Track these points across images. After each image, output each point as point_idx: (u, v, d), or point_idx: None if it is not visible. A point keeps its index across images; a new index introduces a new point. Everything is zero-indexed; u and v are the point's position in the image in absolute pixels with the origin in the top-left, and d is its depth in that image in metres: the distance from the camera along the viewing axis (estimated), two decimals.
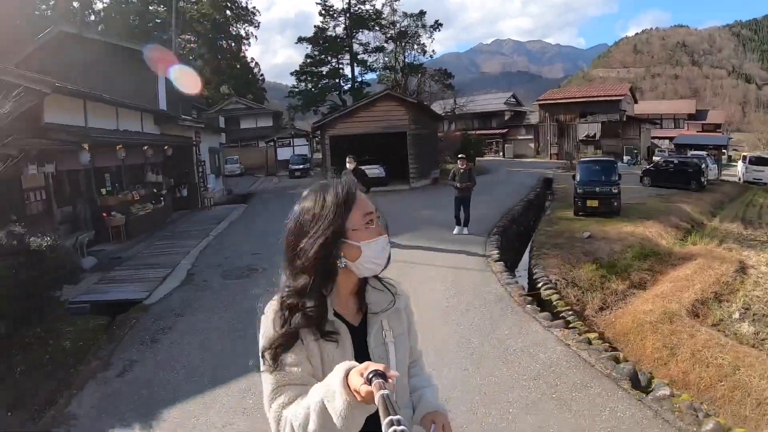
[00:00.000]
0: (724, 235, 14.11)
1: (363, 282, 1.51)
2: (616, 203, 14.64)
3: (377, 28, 46.92)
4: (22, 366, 5.41)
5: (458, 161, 12.68)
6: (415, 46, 46.51)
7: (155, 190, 16.19)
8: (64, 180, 11.45)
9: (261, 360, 1.37)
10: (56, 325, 6.47)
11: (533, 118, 44.28)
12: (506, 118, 46.95)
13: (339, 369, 1.16)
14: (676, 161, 24.29)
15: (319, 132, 25.14)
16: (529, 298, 7.95)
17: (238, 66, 51.63)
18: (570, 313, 8.27)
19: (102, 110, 12.75)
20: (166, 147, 16.71)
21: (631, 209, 15.65)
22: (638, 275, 10.25)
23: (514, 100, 49.98)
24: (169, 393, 4.99)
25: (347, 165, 10.82)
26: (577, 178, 15.66)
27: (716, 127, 53.10)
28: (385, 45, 47.71)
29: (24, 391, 5.08)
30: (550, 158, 39.26)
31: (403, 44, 46.00)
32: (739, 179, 28.97)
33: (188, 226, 15.40)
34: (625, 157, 36.20)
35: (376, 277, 1.53)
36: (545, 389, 4.81)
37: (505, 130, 45.73)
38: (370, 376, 1.07)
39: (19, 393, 5.01)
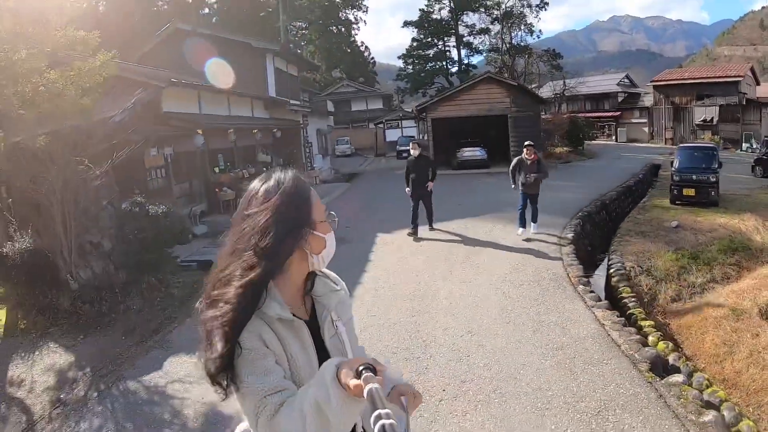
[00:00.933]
0: None
1: (310, 275, 1.48)
2: (713, 193, 13.79)
3: (482, 10, 46.18)
4: (138, 305, 6.88)
5: (524, 150, 10.34)
6: (522, 27, 45.28)
7: (264, 169, 17.75)
8: (181, 160, 13.00)
9: (225, 385, 1.30)
10: (168, 277, 7.94)
11: (647, 101, 41.18)
12: (619, 100, 44.18)
13: (329, 366, 1.17)
14: None
15: (423, 114, 25.86)
16: (585, 279, 8.14)
17: (349, 50, 53.59)
18: (632, 299, 8.31)
19: (214, 98, 14.29)
20: (274, 130, 18.42)
21: (732, 200, 14.66)
22: (722, 270, 9.81)
23: (627, 80, 46.65)
24: None
25: (411, 151, 10.58)
26: (675, 164, 14.93)
27: None
28: (491, 26, 46.92)
29: (137, 324, 6.52)
30: (665, 143, 36.41)
31: (509, 25, 44.89)
32: None
33: None
34: (744, 144, 32.82)
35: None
36: (561, 359, 5.21)
37: (618, 113, 43.01)
38: (361, 369, 1.10)
39: (133, 325, 6.46)
